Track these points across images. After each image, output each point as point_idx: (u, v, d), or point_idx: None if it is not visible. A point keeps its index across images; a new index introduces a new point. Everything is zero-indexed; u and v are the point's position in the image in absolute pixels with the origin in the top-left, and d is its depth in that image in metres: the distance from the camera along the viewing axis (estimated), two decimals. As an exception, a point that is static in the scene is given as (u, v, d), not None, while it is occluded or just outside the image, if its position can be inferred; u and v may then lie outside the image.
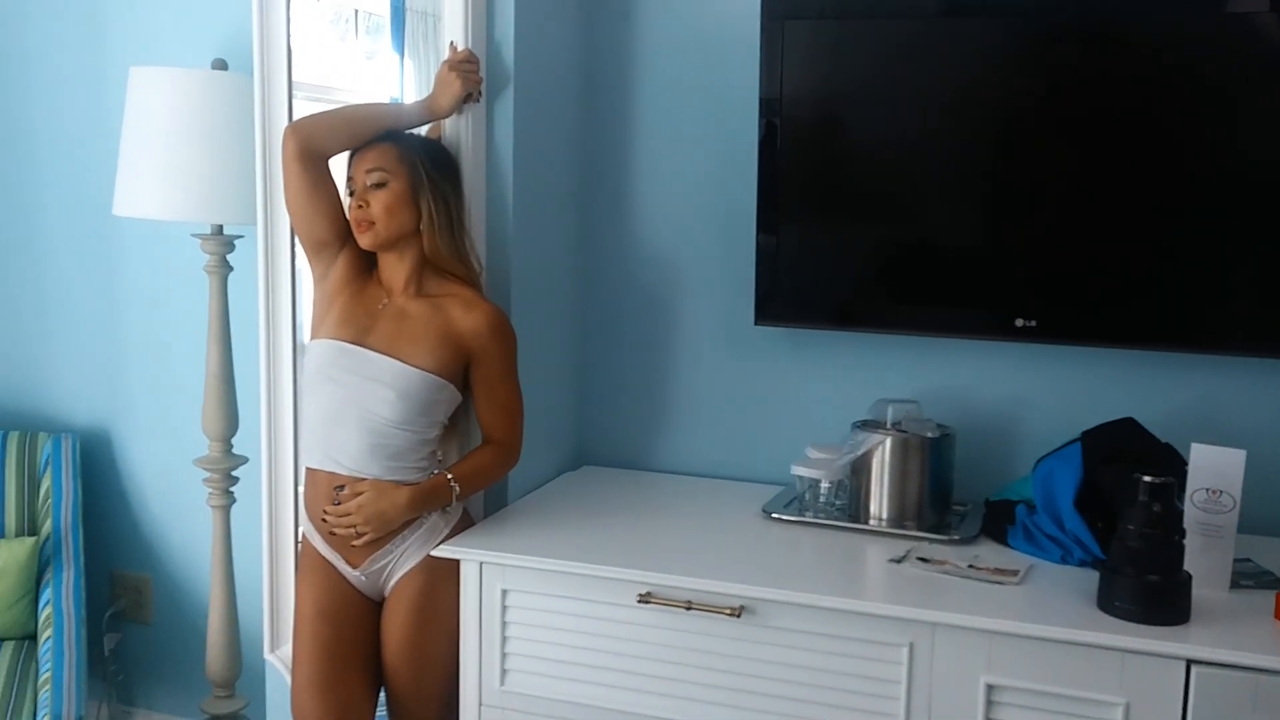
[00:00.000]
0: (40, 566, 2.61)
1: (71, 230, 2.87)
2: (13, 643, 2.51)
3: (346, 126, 2.00)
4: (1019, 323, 2.10)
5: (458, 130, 2.09)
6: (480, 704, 1.99)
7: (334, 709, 1.99)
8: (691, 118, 2.39)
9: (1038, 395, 2.22)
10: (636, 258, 2.46)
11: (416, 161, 1.99)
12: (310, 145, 1.98)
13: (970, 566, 1.89)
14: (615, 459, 2.52)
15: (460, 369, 2.01)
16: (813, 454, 2.16)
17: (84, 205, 2.83)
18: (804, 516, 2.13)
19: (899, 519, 2.07)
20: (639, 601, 1.86)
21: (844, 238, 2.22)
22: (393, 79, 2.45)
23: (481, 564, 1.96)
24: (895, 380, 2.29)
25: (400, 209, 1.97)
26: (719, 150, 2.37)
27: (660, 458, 2.49)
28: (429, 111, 2.06)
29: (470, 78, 2.04)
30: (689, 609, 1.83)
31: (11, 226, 2.92)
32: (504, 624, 1.96)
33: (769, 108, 2.20)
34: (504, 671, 1.97)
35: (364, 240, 1.99)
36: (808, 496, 2.17)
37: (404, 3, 2.40)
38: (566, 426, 2.49)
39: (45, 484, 2.72)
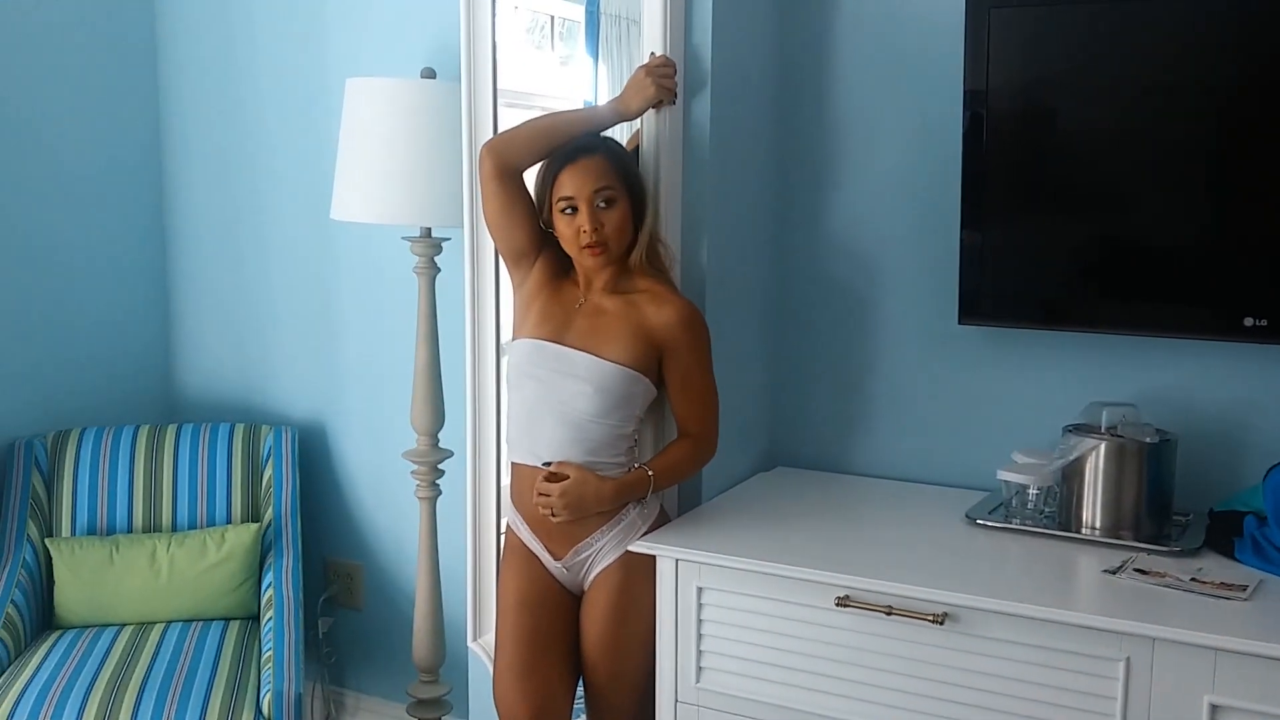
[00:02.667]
0: (263, 551, 2.77)
1: (294, 235, 3.03)
2: (238, 622, 2.68)
3: (542, 138, 2.04)
4: (1248, 321, 1.97)
5: (656, 130, 2.10)
6: (676, 700, 2.00)
7: (534, 696, 2.04)
8: (891, 112, 2.34)
9: (1268, 399, 2.07)
10: (834, 255, 2.43)
11: (632, 175, 2.02)
12: (507, 161, 2.03)
13: (1193, 580, 1.78)
14: (810, 460, 2.49)
15: (654, 363, 2.03)
16: (1020, 459, 2.08)
17: (305, 211, 2.99)
18: (1010, 523, 2.06)
19: (1114, 528, 1.97)
20: (837, 604, 1.83)
21: (1054, 233, 2.13)
22: (586, 83, 2.49)
23: (677, 561, 1.97)
24: (1109, 382, 2.17)
25: (628, 225, 2.00)
26: (920, 145, 2.31)
27: (857, 460, 2.45)
28: (618, 114, 2.09)
29: (665, 84, 2.06)
30: (889, 614, 1.80)
31: (243, 232, 3.11)
32: (699, 621, 1.97)
33: (974, 99, 2.13)
34: (699, 669, 1.98)
35: (597, 262, 2.00)
36: (1014, 503, 2.09)
37: (598, 7, 2.44)
38: (760, 427, 2.48)
39: (267, 474, 2.88)
